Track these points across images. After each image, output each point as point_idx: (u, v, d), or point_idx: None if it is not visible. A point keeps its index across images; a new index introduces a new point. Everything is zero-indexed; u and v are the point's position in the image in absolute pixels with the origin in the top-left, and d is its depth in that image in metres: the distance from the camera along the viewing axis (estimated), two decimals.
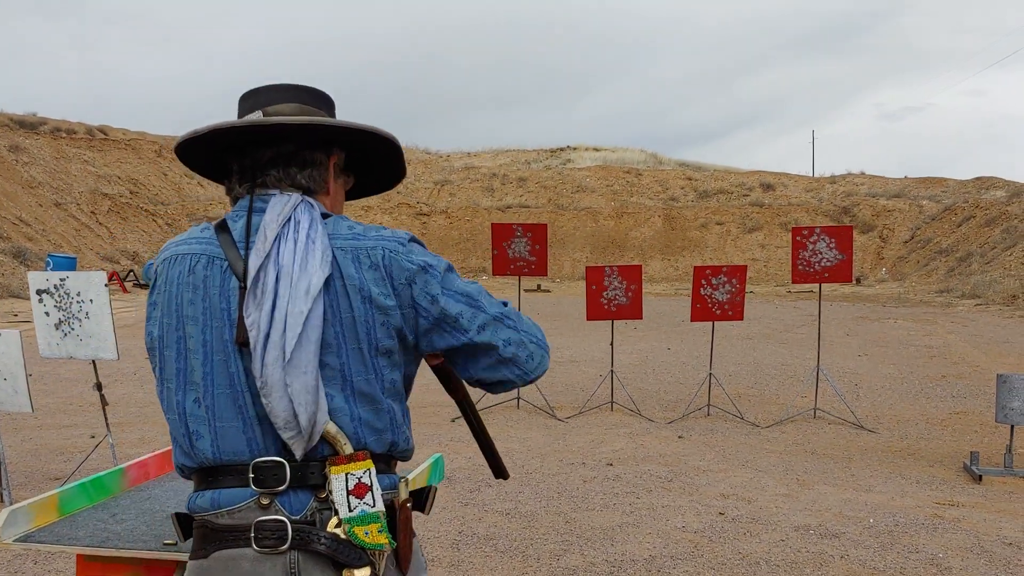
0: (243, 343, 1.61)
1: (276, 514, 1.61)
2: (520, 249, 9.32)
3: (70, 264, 23.21)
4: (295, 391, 1.59)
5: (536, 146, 52.90)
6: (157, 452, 3.01)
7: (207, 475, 1.67)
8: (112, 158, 39.19)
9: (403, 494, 1.71)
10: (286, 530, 1.59)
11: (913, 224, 35.76)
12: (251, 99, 1.85)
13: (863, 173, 44.58)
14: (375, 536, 1.62)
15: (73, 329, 5.52)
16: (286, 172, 1.80)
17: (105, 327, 5.50)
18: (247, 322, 1.61)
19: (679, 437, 7.92)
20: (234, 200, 1.83)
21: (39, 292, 5.55)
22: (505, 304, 1.86)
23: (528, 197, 41.30)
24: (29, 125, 37.67)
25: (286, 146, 1.79)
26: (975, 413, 9.17)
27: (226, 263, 1.69)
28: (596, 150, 51.62)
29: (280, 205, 1.72)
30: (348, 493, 1.62)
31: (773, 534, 5.17)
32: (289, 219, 1.70)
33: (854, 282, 31.30)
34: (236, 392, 1.64)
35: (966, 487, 6.44)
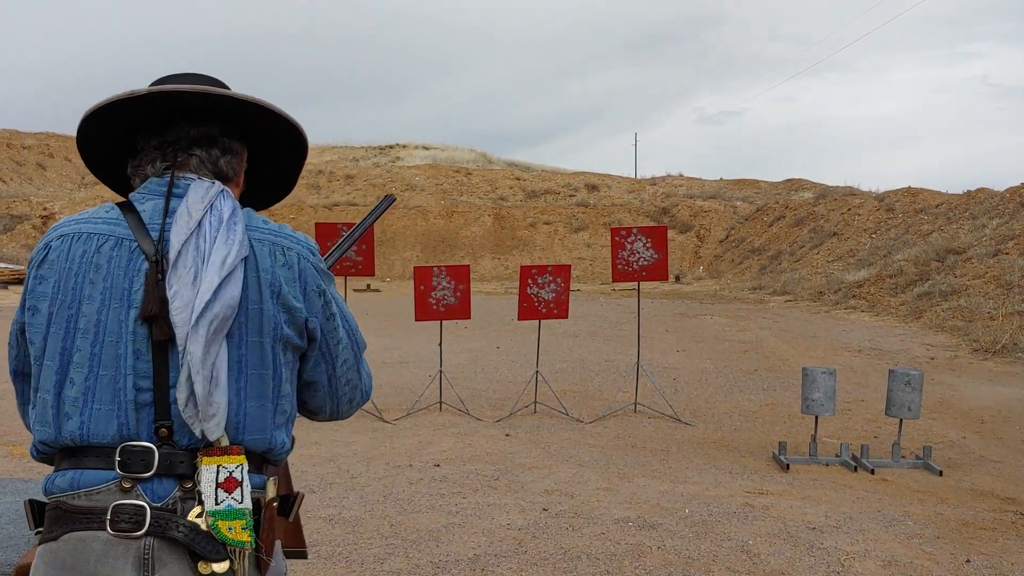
0: (150, 317, 1.60)
1: (136, 499, 1.57)
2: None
3: None
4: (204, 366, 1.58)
5: (364, 143, 52.42)
6: None
7: (70, 455, 1.63)
8: None
9: (271, 493, 1.69)
10: (144, 515, 1.55)
11: (728, 224, 37.49)
12: (167, 82, 1.78)
13: (682, 175, 46.41)
14: (238, 533, 1.59)
15: None
16: (209, 155, 1.79)
17: None
18: (170, 296, 1.59)
19: (506, 435, 8.00)
20: (143, 179, 1.78)
21: None
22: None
23: (356, 195, 40.85)
24: None
25: (210, 128, 1.79)
26: (784, 405, 9.68)
27: (135, 244, 1.66)
28: (426, 148, 51.62)
29: (203, 190, 1.71)
30: (217, 486, 1.59)
31: (594, 528, 5.29)
32: (211, 205, 1.69)
33: (673, 280, 32.54)
34: (119, 375, 1.61)
35: (775, 476, 6.79)
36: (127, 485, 1.58)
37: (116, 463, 1.58)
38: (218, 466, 1.59)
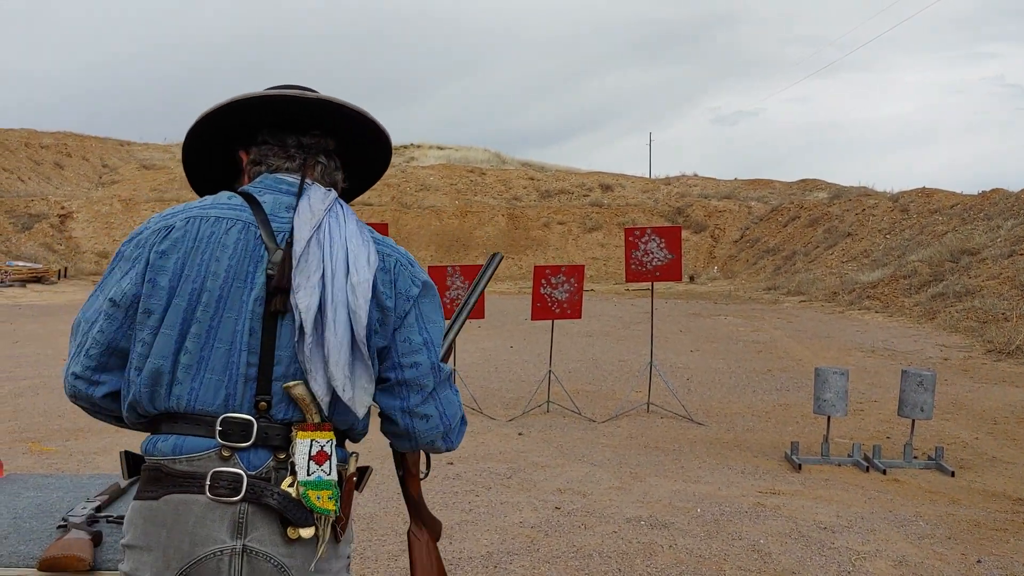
0: (276, 290, 1.72)
1: (235, 467, 1.69)
2: None
3: None
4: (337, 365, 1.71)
5: None
6: None
7: (172, 420, 1.73)
8: None
9: (352, 468, 1.82)
10: (241, 482, 1.67)
11: (742, 224, 37.46)
12: (289, 88, 1.91)
13: (696, 175, 46.38)
14: (325, 502, 1.70)
15: None
16: (328, 166, 1.96)
17: None
18: (294, 283, 1.71)
19: (519, 434, 8.05)
20: (269, 170, 1.92)
21: None
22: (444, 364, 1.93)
23: (371, 195, 40.96)
24: None
25: (330, 141, 1.97)
26: (797, 405, 9.70)
27: (258, 230, 1.78)
28: (440, 148, 51.75)
29: (323, 194, 1.86)
30: (310, 458, 1.70)
31: (606, 526, 5.34)
32: (330, 208, 1.83)
33: (687, 280, 32.53)
34: (234, 348, 1.72)
35: (787, 475, 6.81)
36: (226, 454, 1.69)
37: (217, 432, 1.69)
38: (311, 440, 1.71)
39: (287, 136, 1.92)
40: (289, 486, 1.70)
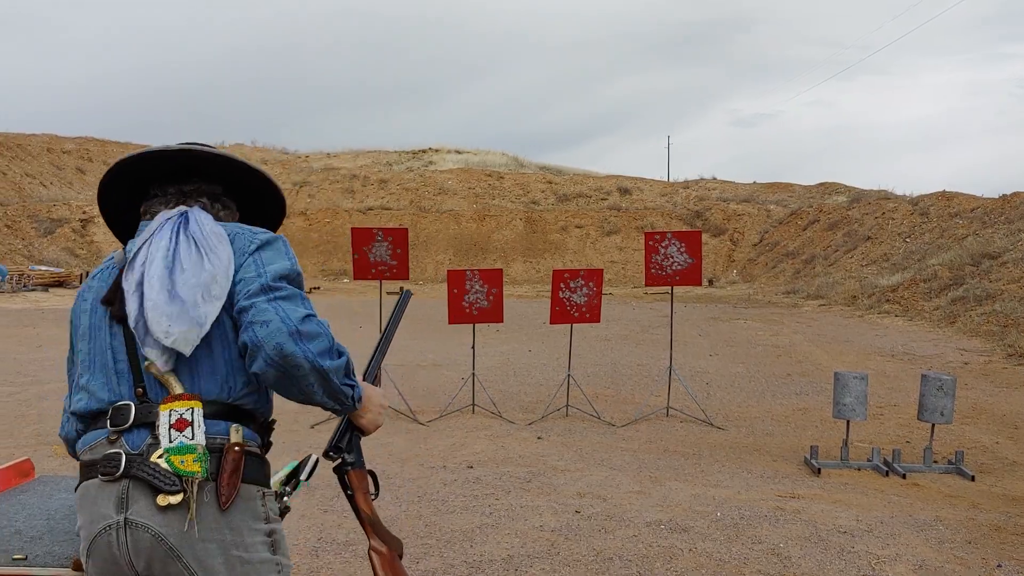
0: (106, 302, 2.06)
1: (118, 448, 1.90)
2: (381, 253, 9.32)
3: None
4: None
5: (397, 147, 52.71)
6: (3, 466, 2.92)
7: (85, 424, 2.03)
8: None
9: (234, 438, 1.93)
10: (121, 460, 1.87)
11: (761, 228, 37.34)
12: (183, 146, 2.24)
13: (715, 178, 46.26)
14: (190, 464, 1.85)
15: None
16: (212, 206, 2.24)
17: None
18: (124, 287, 2.02)
19: (538, 438, 8.09)
20: (151, 216, 2.20)
21: None
22: None
23: (390, 199, 41.12)
24: None
25: (215, 187, 2.27)
26: (816, 409, 9.69)
27: (116, 268, 2.12)
28: (458, 152, 51.83)
29: (167, 214, 2.14)
30: (171, 427, 1.88)
31: (626, 530, 5.37)
32: (166, 220, 2.10)
33: (707, 284, 32.46)
34: (105, 355, 2.02)
35: (806, 480, 6.82)
36: (113, 438, 1.93)
37: (107, 422, 1.95)
38: (171, 410, 1.89)
39: (169, 186, 2.21)
40: (159, 457, 1.86)
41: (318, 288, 30.86)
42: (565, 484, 6.46)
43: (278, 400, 2.14)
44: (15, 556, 2.22)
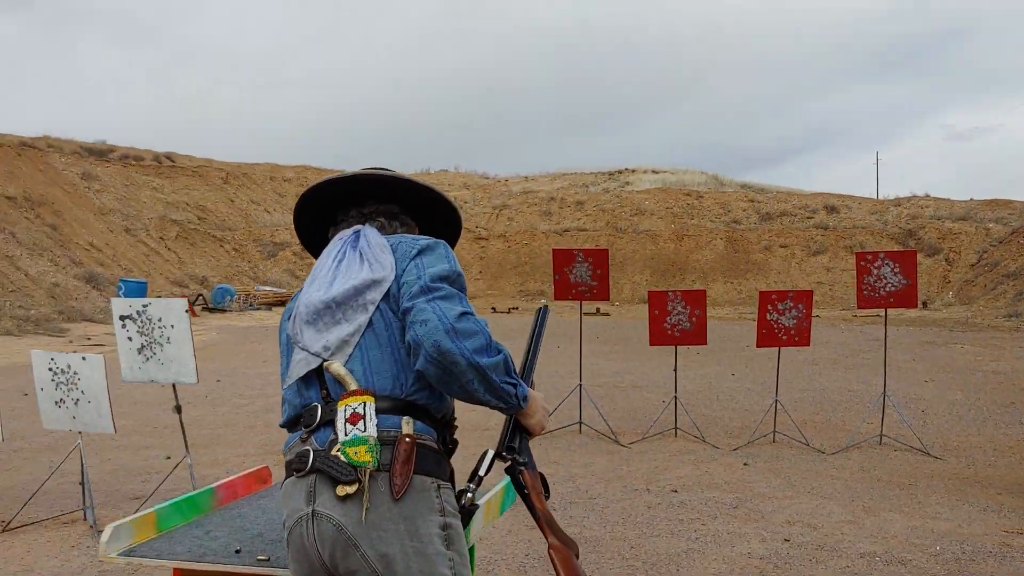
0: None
1: (308, 446, 2.03)
2: (581, 274, 9.41)
3: (141, 289, 23.83)
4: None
5: (594, 168, 52.98)
6: (244, 473, 3.15)
7: (289, 428, 2.18)
8: (180, 185, 40.19)
9: (405, 430, 2.01)
10: (309, 457, 2.00)
11: (980, 247, 35.07)
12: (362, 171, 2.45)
13: (928, 195, 43.87)
14: (362, 455, 1.94)
15: (155, 354, 5.75)
16: (390, 224, 2.43)
17: (185, 352, 5.71)
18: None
19: (744, 464, 7.91)
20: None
21: (122, 318, 5.78)
22: None
23: (586, 220, 41.40)
24: (99, 153, 38.89)
25: (392, 206, 2.46)
26: None
27: None
28: (655, 172, 51.55)
29: (347, 231, 2.34)
30: (346, 421, 1.98)
31: (839, 561, 5.17)
32: (343, 238, 2.31)
33: (920, 306, 30.76)
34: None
35: None
36: (304, 437, 2.06)
37: (301, 423, 2.10)
38: (346, 405, 2.00)
39: (351, 209, 2.43)
40: (336, 450, 1.96)
41: (516, 308, 31.42)
42: (773, 511, 6.29)
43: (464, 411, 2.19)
44: (259, 557, 2.39)
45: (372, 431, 1.97)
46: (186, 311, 5.75)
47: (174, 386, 6.03)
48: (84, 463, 5.97)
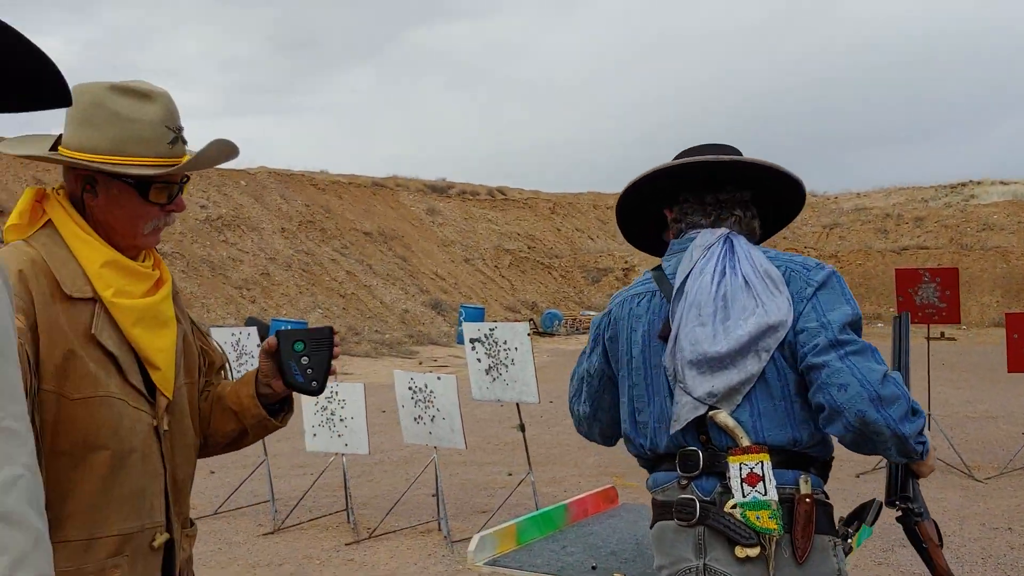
0: (663, 337, 2.04)
1: (690, 494, 1.95)
2: (928, 295, 8.80)
3: (479, 314, 25.26)
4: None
5: (933, 182, 49.30)
6: (593, 492, 3.26)
7: (651, 460, 2.10)
8: (511, 216, 42.29)
9: (804, 490, 1.91)
10: (695, 507, 1.92)
11: None
12: (702, 152, 2.16)
13: None
14: (765, 521, 1.85)
15: (501, 375, 6.11)
16: (745, 215, 2.17)
17: (528, 373, 6.02)
18: (672, 323, 2.02)
19: None
20: (683, 228, 2.18)
21: (472, 341, 6.20)
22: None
23: (926, 238, 38.64)
24: (440, 189, 41.87)
25: (745, 192, 2.17)
26: None
27: (659, 292, 2.12)
28: (1004, 184, 47.09)
29: (709, 237, 2.09)
30: (742, 480, 1.88)
31: None
32: (710, 248, 2.07)
33: None
34: (662, 395, 2.04)
35: None
36: (684, 483, 1.97)
37: (676, 465, 1.98)
38: (740, 463, 1.89)
39: (705, 194, 2.14)
40: (732, 508, 1.87)
41: None
42: None
43: None
44: (615, 574, 2.47)
45: (773, 495, 1.86)
46: (528, 334, 6.06)
47: (518, 405, 6.36)
48: (439, 476, 6.45)
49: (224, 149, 1.77)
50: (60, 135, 1.70)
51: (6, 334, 0.89)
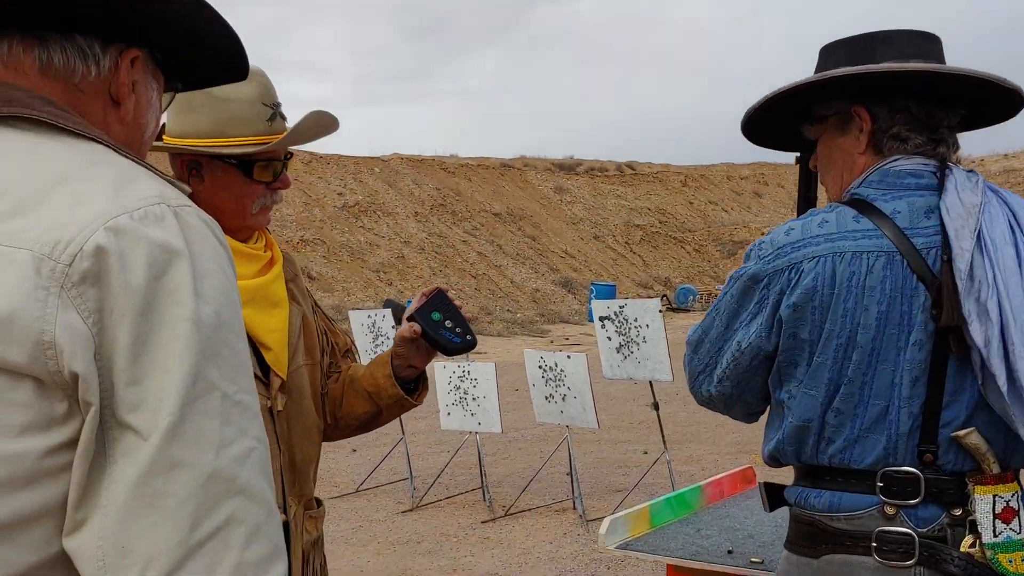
0: (948, 329, 1.48)
1: (901, 526, 1.51)
2: None
3: (610, 291, 25.17)
4: None
5: None
6: (730, 472, 3.16)
7: (822, 475, 1.60)
8: (641, 191, 41.89)
9: None
10: (913, 544, 1.50)
11: None
12: (878, 45, 1.62)
13: None
14: (1019, 565, 1.49)
15: (632, 352, 6.02)
16: (954, 139, 1.65)
17: (660, 350, 5.90)
18: (966, 312, 1.45)
19: None
20: (877, 148, 1.62)
21: (602, 319, 6.13)
22: None
23: None
24: (568, 167, 41.83)
25: (959, 110, 1.63)
26: None
27: (904, 260, 1.51)
28: None
29: (968, 180, 1.55)
30: (995, 516, 1.49)
31: None
32: (983, 205, 1.51)
33: None
34: (891, 405, 1.53)
35: None
36: (890, 511, 1.52)
37: (877, 488, 1.53)
38: (994, 495, 1.50)
39: (935, 110, 1.58)
40: (971, 547, 1.49)
41: None
42: None
43: None
44: (752, 559, 2.37)
45: None
46: (660, 311, 5.95)
47: (651, 383, 6.26)
48: (572, 455, 6.42)
49: (322, 120, 1.75)
50: (163, 124, 1.72)
51: (235, 308, 0.88)
